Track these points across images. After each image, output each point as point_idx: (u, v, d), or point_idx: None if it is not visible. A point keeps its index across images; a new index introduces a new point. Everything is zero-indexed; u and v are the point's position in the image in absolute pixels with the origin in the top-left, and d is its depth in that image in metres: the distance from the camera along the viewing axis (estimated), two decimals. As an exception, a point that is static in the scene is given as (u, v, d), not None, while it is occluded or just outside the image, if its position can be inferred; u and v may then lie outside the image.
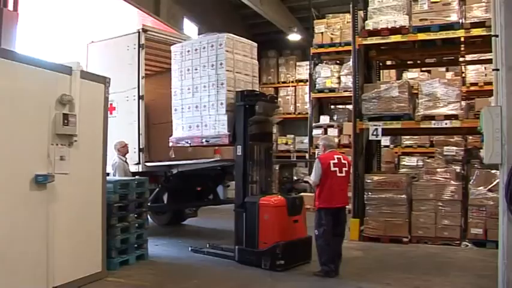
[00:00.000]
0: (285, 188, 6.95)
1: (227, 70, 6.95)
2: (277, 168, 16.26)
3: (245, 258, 6.18)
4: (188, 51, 7.38)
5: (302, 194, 13.11)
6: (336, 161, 5.72)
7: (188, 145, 7.33)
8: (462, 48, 8.67)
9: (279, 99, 17.24)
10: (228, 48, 7.03)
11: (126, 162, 7.34)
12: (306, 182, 6.76)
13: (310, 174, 7.05)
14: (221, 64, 6.95)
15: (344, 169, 5.77)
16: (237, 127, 6.56)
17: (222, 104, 6.90)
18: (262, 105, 6.57)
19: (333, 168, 5.67)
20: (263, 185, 6.72)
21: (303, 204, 6.46)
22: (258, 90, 7.45)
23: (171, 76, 7.82)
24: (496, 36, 4.19)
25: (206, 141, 7.10)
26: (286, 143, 16.66)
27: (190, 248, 7.05)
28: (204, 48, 7.18)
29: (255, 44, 7.74)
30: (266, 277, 5.68)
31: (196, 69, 7.23)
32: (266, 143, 6.91)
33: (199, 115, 7.20)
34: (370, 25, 8.15)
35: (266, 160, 6.83)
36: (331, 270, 5.60)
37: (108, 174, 6.49)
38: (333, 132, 12.91)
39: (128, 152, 7.40)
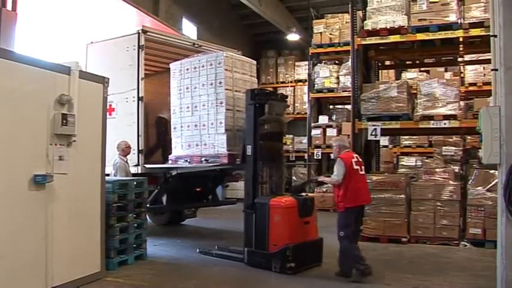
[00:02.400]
0: (296, 189, 6.70)
1: (226, 89, 7.01)
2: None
3: (254, 261, 6.01)
4: (187, 69, 7.44)
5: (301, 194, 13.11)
6: (355, 159, 5.68)
7: (188, 164, 7.34)
8: (461, 48, 8.71)
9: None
10: (227, 66, 7.09)
11: (126, 162, 7.33)
12: (320, 182, 6.58)
13: (309, 174, 7.00)
14: (220, 83, 7.00)
15: (362, 167, 5.75)
16: (247, 126, 6.38)
17: (221, 123, 6.96)
18: (273, 104, 6.39)
19: (355, 167, 5.59)
20: (273, 186, 6.54)
21: (314, 205, 6.30)
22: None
23: (170, 76, 7.85)
24: (495, 36, 4.20)
25: (205, 160, 7.11)
26: (285, 143, 16.61)
27: (198, 250, 6.86)
28: (203, 66, 7.24)
29: (254, 62, 7.83)
30: (269, 278, 5.67)
31: (195, 88, 7.30)
32: (276, 142, 6.72)
33: (199, 134, 7.26)
34: (369, 25, 8.17)
35: (277, 160, 6.66)
36: (361, 269, 5.41)
37: (108, 175, 6.49)
38: (331, 132, 12.94)
39: (129, 153, 7.39)
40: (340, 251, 5.60)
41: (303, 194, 6.52)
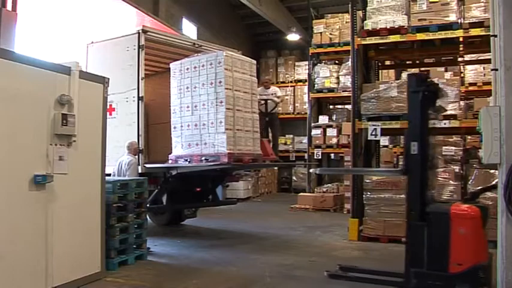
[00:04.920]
0: (474, 194, 5.51)
1: (226, 88, 7.03)
2: (275, 168, 16.31)
3: (427, 285, 4.81)
4: (187, 69, 7.45)
5: (301, 194, 13.10)
6: None
7: (188, 163, 7.34)
8: (461, 48, 8.69)
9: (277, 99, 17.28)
10: (227, 66, 7.10)
11: None
12: None
13: (309, 174, 6.77)
14: (220, 82, 7.02)
15: None
16: (411, 119, 5.20)
17: (221, 122, 6.96)
18: (442, 93, 5.29)
19: None
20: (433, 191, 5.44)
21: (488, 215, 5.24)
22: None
23: (169, 76, 7.85)
24: (495, 36, 4.19)
25: (205, 159, 7.10)
26: (285, 143, 16.69)
27: (326, 273, 5.46)
28: (203, 66, 7.26)
29: (254, 61, 7.87)
30: (264, 278, 5.67)
31: (195, 87, 7.32)
32: (433, 139, 5.59)
33: (199, 133, 7.26)
34: (369, 25, 8.16)
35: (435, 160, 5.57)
36: None
37: (108, 175, 6.51)
38: (331, 132, 12.94)
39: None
40: None
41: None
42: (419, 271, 4.86)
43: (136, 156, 7.39)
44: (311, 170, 6.03)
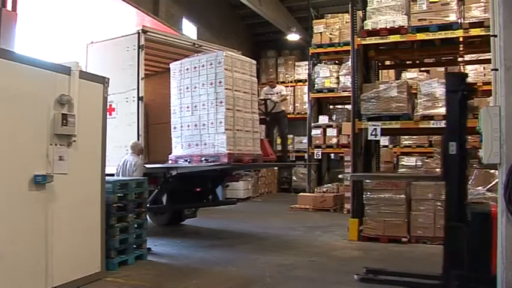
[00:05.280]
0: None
1: (226, 88, 7.04)
2: (275, 168, 16.32)
3: (469, 287, 4.69)
4: (187, 69, 7.47)
5: (301, 194, 13.10)
6: None
7: (188, 164, 7.35)
8: (461, 48, 8.69)
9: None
10: (227, 66, 7.12)
11: None
12: None
13: (309, 174, 6.78)
14: (220, 82, 7.03)
15: None
16: (449, 119, 5.11)
17: (221, 122, 6.97)
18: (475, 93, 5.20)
19: None
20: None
21: None
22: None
23: (169, 76, 7.86)
24: (495, 36, 4.19)
25: (205, 160, 7.11)
26: (285, 143, 16.67)
27: (356, 277, 5.34)
28: (203, 66, 7.28)
29: (254, 62, 7.89)
30: (264, 278, 5.68)
31: (195, 88, 7.33)
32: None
33: (199, 133, 7.28)
34: (369, 25, 8.16)
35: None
36: None
37: (111, 175, 6.50)
38: (331, 132, 12.95)
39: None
40: None
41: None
42: (459, 273, 4.69)
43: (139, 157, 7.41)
44: (340, 176, 5.80)
